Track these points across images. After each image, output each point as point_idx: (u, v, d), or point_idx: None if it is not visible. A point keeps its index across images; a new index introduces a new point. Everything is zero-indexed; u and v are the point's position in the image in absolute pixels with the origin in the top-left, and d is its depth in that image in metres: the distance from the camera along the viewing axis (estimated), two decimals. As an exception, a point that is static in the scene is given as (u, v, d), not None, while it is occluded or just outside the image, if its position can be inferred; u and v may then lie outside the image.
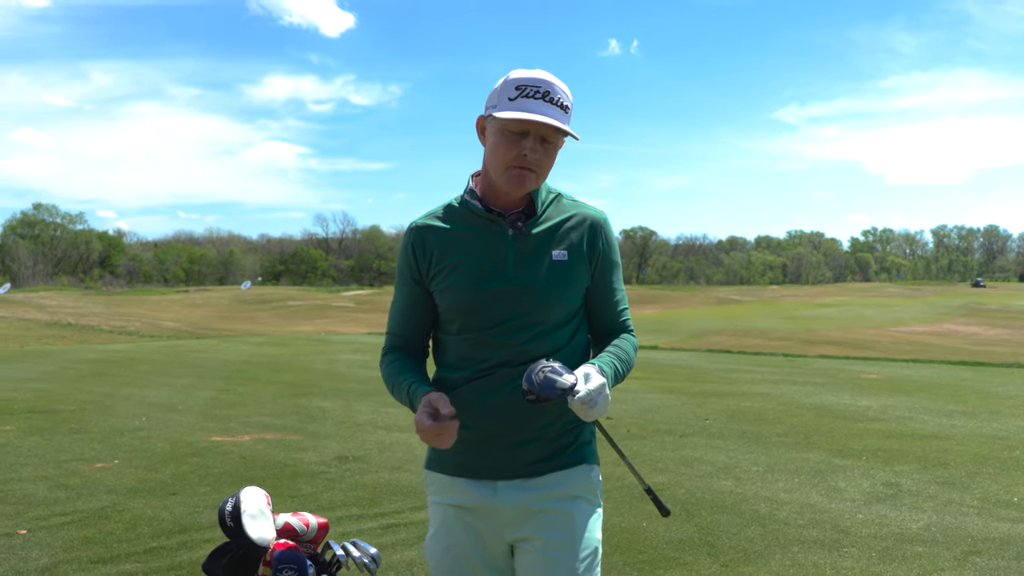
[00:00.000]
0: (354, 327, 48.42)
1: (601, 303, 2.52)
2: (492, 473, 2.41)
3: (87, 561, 5.01)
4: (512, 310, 2.37)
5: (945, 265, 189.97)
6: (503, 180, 2.37)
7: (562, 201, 2.51)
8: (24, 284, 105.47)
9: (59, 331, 42.70)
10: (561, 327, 2.43)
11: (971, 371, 18.04)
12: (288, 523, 2.68)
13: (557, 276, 2.40)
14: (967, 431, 9.69)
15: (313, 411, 11.11)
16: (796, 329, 48.94)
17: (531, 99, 2.31)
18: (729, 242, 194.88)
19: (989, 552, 5.29)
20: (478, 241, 2.42)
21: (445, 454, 2.44)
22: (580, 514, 2.41)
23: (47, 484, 6.85)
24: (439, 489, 2.49)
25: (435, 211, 2.52)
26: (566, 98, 2.35)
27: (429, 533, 2.51)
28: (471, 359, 2.41)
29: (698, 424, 10.15)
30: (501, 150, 2.34)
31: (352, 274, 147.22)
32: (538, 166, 2.35)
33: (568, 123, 2.36)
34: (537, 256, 2.40)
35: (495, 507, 2.40)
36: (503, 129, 2.33)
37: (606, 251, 2.49)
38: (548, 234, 2.43)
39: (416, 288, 2.48)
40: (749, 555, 5.23)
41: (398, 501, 6.45)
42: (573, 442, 2.45)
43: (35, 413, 10.51)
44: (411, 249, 2.47)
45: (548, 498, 2.40)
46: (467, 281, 2.39)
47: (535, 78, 2.33)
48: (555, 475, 2.42)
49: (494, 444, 2.39)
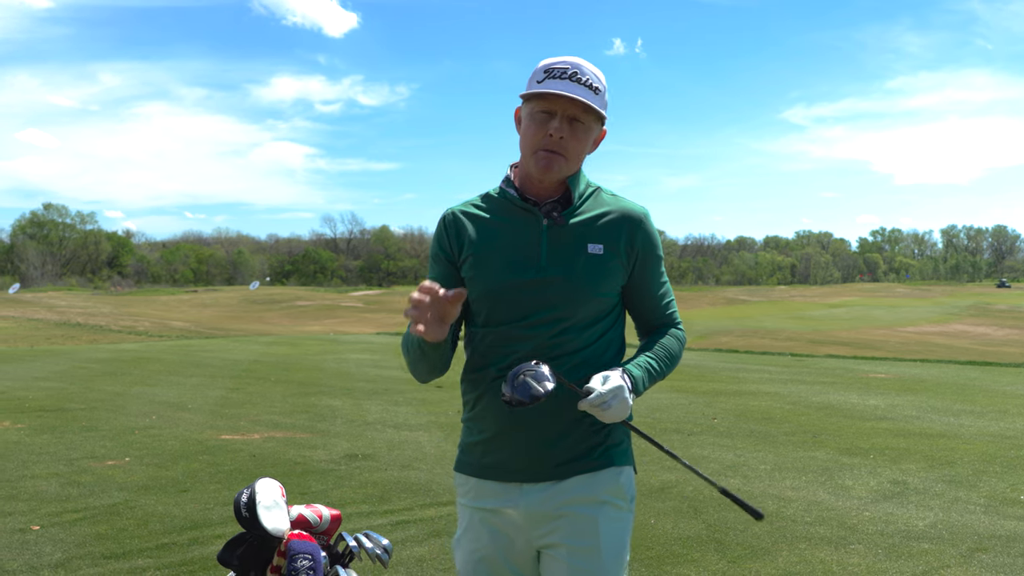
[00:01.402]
0: (363, 327, 48.50)
1: (644, 299, 2.45)
2: (518, 475, 2.34)
3: (99, 557, 5.07)
4: (540, 302, 2.30)
5: (953, 265, 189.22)
6: (532, 165, 2.32)
7: (601, 195, 2.43)
8: (33, 285, 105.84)
9: (68, 331, 42.88)
10: (591, 325, 2.35)
11: (979, 371, 18.01)
12: (302, 515, 2.72)
13: (591, 270, 2.32)
14: (974, 430, 9.69)
15: (322, 410, 11.16)
16: (804, 329, 48.85)
17: (558, 79, 2.26)
18: (737, 242, 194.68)
19: (995, 549, 5.30)
20: (512, 230, 2.36)
21: (473, 456, 2.40)
22: (606, 520, 2.33)
23: (59, 481, 6.91)
24: (467, 491, 2.43)
25: (472, 199, 2.48)
26: (596, 79, 2.30)
27: (456, 534, 2.46)
28: (495, 354, 2.34)
29: (706, 423, 10.17)
30: (530, 133, 2.30)
31: (361, 274, 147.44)
32: (565, 149, 2.29)
33: (601, 104, 2.31)
34: (572, 248, 2.33)
35: (521, 510, 2.34)
36: (531, 112, 2.30)
37: (647, 247, 2.40)
38: (584, 226, 2.35)
39: (449, 268, 2.42)
40: (756, 552, 5.25)
41: (407, 498, 6.49)
42: (602, 443, 2.37)
43: (46, 411, 10.58)
44: (444, 231, 2.43)
45: (573, 503, 2.32)
46: (497, 269, 2.33)
47: (563, 60, 2.30)
48: (582, 478, 2.33)
49: (519, 445, 2.33)
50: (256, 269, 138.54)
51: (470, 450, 2.42)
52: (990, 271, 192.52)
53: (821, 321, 58.08)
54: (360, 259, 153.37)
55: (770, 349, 28.67)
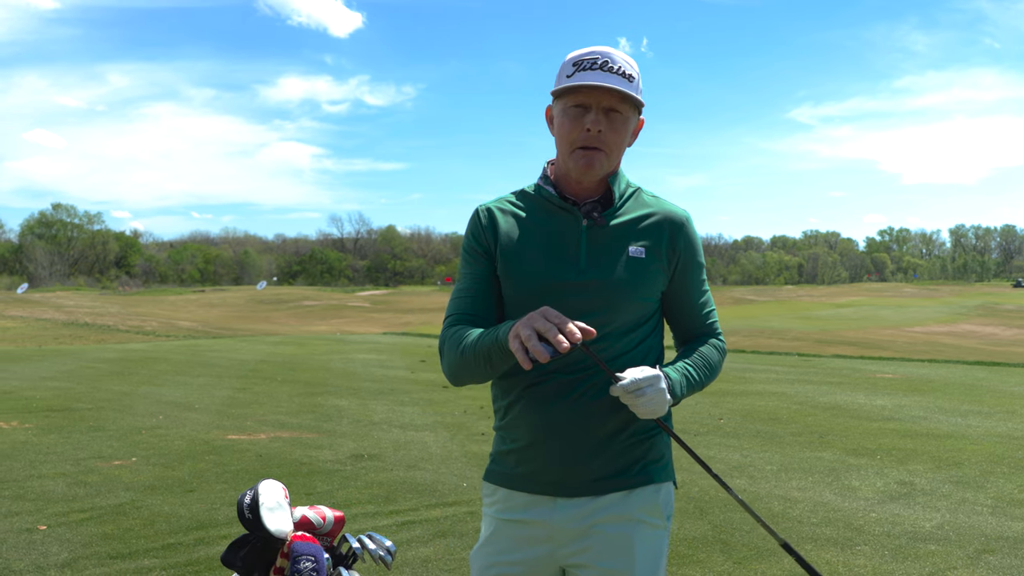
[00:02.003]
0: (369, 327, 48.54)
1: (684, 306, 2.36)
2: (551, 488, 2.23)
3: (105, 557, 5.08)
4: (579, 306, 2.18)
5: (961, 265, 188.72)
6: (571, 164, 2.21)
7: (642, 196, 2.34)
8: (41, 284, 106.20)
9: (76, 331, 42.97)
10: (630, 331, 2.25)
11: (987, 371, 17.95)
12: (305, 516, 2.72)
13: (632, 273, 2.22)
14: (982, 430, 9.66)
15: (329, 410, 11.17)
16: (811, 329, 48.74)
17: (589, 71, 2.16)
18: (744, 242, 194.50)
19: (1003, 551, 5.29)
20: (550, 229, 2.26)
21: (506, 466, 2.31)
22: (641, 541, 2.22)
23: (66, 481, 6.93)
24: (495, 501, 2.33)
25: (507, 196, 2.38)
26: (628, 66, 2.18)
27: (477, 545, 2.36)
28: None
29: (712, 423, 10.16)
30: (565, 130, 2.20)
31: (368, 274, 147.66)
32: (605, 143, 2.18)
33: (636, 92, 2.19)
34: (612, 250, 2.23)
35: (552, 525, 2.23)
36: (564, 108, 2.19)
37: (688, 251, 2.30)
38: (626, 228, 2.26)
39: (484, 263, 2.30)
40: (762, 553, 5.24)
41: (413, 499, 6.49)
42: (642, 458, 2.27)
43: (54, 411, 10.61)
44: (478, 226, 2.32)
45: (608, 521, 2.22)
46: (534, 270, 2.21)
47: (591, 51, 2.19)
48: (618, 495, 2.23)
49: (553, 456, 2.22)
50: (263, 269, 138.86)
51: (502, 459, 2.32)
52: (998, 271, 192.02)
53: (828, 321, 57.95)
54: (367, 259, 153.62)
55: (777, 349, 28.60)
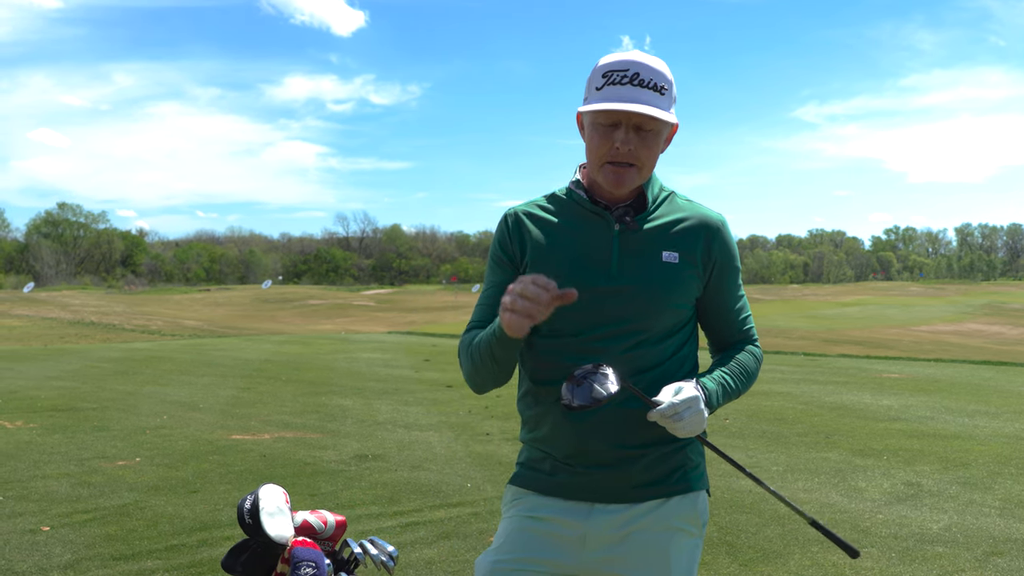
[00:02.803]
0: (375, 326, 48.54)
1: (720, 312, 2.31)
2: (589, 495, 2.19)
3: (109, 558, 5.06)
4: (611, 313, 2.14)
5: (967, 264, 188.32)
6: (601, 178, 2.17)
7: (676, 200, 2.28)
8: (47, 283, 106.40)
9: (82, 330, 43.02)
10: (665, 339, 2.20)
11: (993, 370, 17.88)
12: (306, 521, 2.70)
13: (665, 279, 2.17)
14: (989, 431, 9.61)
15: (333, 410, 11.16)
16: (817, 328, 48.65)
17: (618, 86, 2.10)
18: (750, 241, 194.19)
19: (1011, 553, 5.25)
20: (581, 234, 2.21)
21: (540, 472, 2.24)
22: (677, 549, 2.19)
23: (70, 481, 6.92)
24: (520, 503, 2.26)
25: (537, 199, 2.33)
26: (661, 78, 2.12)
27: (490, 547, 2.27)
28: (561, 368, 2.13)
29: (718, 423, 10.12)
30: (594, 145, 2.15)
31: (373, 273, 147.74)
32: (637, 158, 2.13)
33: (667, 105, 2.13)
34: (645, 255, 2.18)
35: (586, 531, 2.18)
36: (594, 122, 2.14)
37: (724, 256, 2.26)
38: (659, 232, 2.20)
39: (511, 272, 2.26)
40: (768, 555, 5.21)
41: (417, 499, 6.47)
42: (681, 466, 2.25)
43: (58, 411, 10.61)
44: (506, 231, 2.28)
45: (644, 528, 2.18)
46: (564, 275, 2.11)
47: (621, 61, 2.12)
48: (656, 502, 2.20)
49: (593, 465, 2.18)
50: (269, 268, 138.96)
51: (536, 466, 2.27)
52: (1005, 269, 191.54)
53: (834, 320, 57.85)
54: (372, 258, 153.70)
55: (783, 348, 28.53)
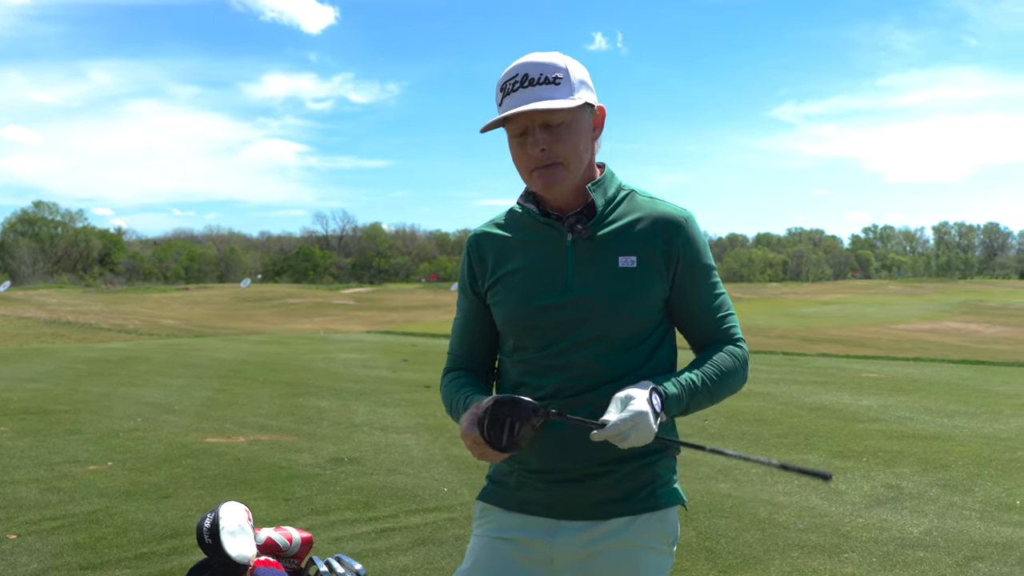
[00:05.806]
0: (354, 325, 48.30)
1: (692, 313, 2.22)
2: (555, 512, 2.17)
3: (76, 567, 4.95)
4: (570, 327, 2.11)
5: (945, 262, 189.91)
6: (534, 187, 2.16)
7: (635, 199, 2.21)
8: (24, 282, 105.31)
9: (58, 329, 42.55)
10: (633, 346, 2.14)
11: (972, 370, 17.95)
12: (271, 538, 2.62)
13: (623, 286, 2.12)
14: (968, 432, 9.61)
15: (309, 411, 11.04)
16: (796, 327, 48.80)
17: (512, 94, 2.09)
18: (729, 240, 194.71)
19: (992, 557, 5.21)
20: (536, 248, 2.18)
21: (506, 488, 2.24)
22: (646, 568, 2.15)
23: (39, 487, 6.78)
24: (488, 521, 2.25)
25: (496, 218, 2.32)
26: (551, 69, 2.08)
27: (459, 569, 2.25)
28: (525, 386, 2.16)
29: (697, 424, 10.07)
30: (516, 157, 2.14)
31: (352, 271, 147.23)
32: (557, 156, 2.09)
33: (566, 93, 2.07)
34: (600, 262, 2.13)
35: (551, 549, 2.16)
36: (509, 138, 2.14)
37: (688, 254, 2.17)
38: (614, 236, 2.15)
39: (475, 301, 2.28)
40: (748, 560, 5.16)
41: (393, 504, 6.38)
42: (649, 483, 2.19)
43: (30, 414, 10.44)
44: (468, 259, 2.28)
45: (611, 547, 2.14)
46: (520, 293, 2.15)
47: (510, 69, 2.12)
48: (623, 520, 2.16)
49: (559, 481, 2.16)
50: (248, 266, 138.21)
51: (502, 481, 2.25)
52: (981, 268, 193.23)
53: (813, 318, 58.07)
54: (351, 256, 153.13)
55: (762, 347, 28.56)
